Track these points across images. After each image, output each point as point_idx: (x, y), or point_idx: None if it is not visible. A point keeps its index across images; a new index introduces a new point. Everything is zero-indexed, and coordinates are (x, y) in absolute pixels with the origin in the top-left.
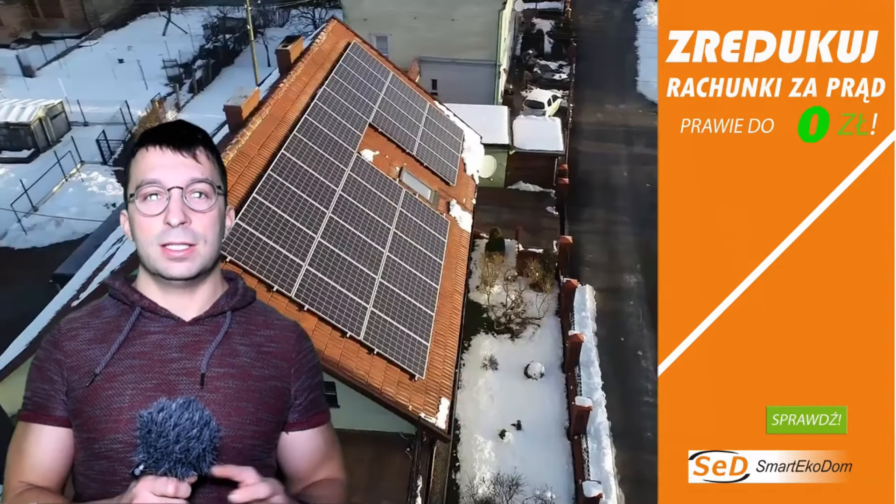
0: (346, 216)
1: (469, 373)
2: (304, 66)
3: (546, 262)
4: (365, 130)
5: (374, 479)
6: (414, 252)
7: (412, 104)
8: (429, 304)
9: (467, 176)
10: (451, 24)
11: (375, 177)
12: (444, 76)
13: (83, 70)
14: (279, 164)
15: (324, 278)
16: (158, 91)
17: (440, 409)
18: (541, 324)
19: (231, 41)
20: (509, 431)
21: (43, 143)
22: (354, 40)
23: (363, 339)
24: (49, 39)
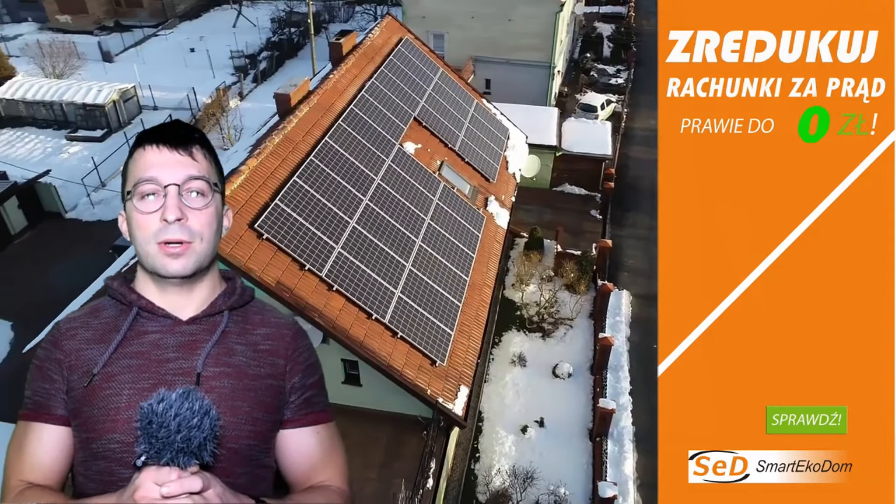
0: (382, 204)
1: (497, 367)
2: (356, 58)
3: (583, 265)
4: (409, 123)
5: (391, 457)
6: (447, 243)
7: (459, 101)
8: (457, 294)
9: (508, 174)
10: (507, 24)
11: (415, 168)
12: (497, 76)
13: (157, 57)
14: (322, 150)
15: (355, 261)
16: (224, 80)
17: (458, 396)
18: (573, 325)
19: (296, 35)
20: (531, 427)
21: (115, 124)
22: (407, 36)
23: (388, 322)
24: (128, 28)
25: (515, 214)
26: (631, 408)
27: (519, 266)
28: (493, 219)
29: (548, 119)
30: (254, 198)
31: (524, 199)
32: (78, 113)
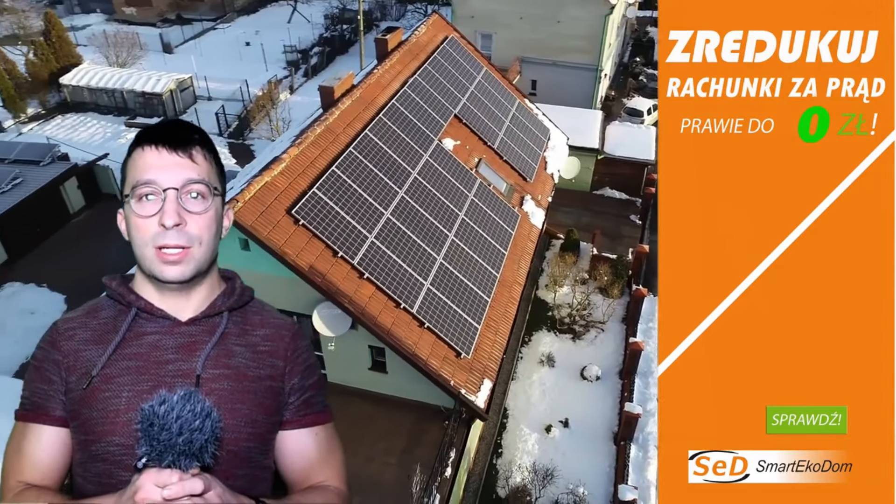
0: (417, 198)
1: (525, 366)
2: (400, 55)
3: (618, 269)
4: (449, 120)
5: (412, 443)
6: (479, 239)
7: (501, 100)
8: (486, 289)
9: (546, 174)
10: (555, 25)
11: (452, 164)
12: (544, 77)
13: (214, 50)
14: (361, 142)
15: (387, 251)
16: (276, 73)
17: (482, 389)
18: (604, 328)
19: (347, 31)
20: (556, 427)
21: (171, 112)
22: (452, 34)
23: (416, 312)
24: (189, 21)
25: (553, 216)
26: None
27: (553, 267)
28: (527, 218)
29: (591, 122)
30: (293, 185)
31: (563, 200)
32: (137, 100)
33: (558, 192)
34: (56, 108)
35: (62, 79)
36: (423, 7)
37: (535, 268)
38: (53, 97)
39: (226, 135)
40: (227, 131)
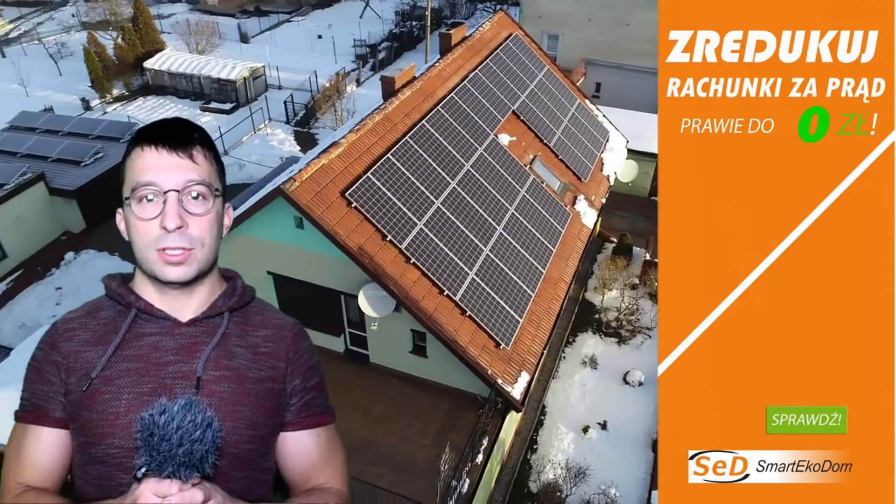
0: (468, 189)
1: (567, 366)
2: (463, 50)
3: None
4: (507, 116)
5: (446, 428)
6: (527, 235)
7: (561, 99)
8: (531, 284)
9: (602, 175)
10: (624, 28)
11: (506, 160)
12: (609, 80)
13: (287, 41)
14: (417, 132)
15: (434, 239)
16: (344, 66)
17: (519, 381)
18: (651, 335)
19: (416, 28)
20: (593, 429)
21: (243, 99)
22: (516, 32)
23: (458, 300)
24: (266, 13)
25: (608, 220)
26: None
27: (604, 270)
28: (579, 217)
29: (653, 127)
30: (348, 168)
31: (620, 204)
32: (212, 86)
33: (615, 196)
34: (139, 90)
35: (146, 63)
36: (493, 6)
37: (584, 269)
38: (137, 80)
39: (292, 123)
40: (294, 119)
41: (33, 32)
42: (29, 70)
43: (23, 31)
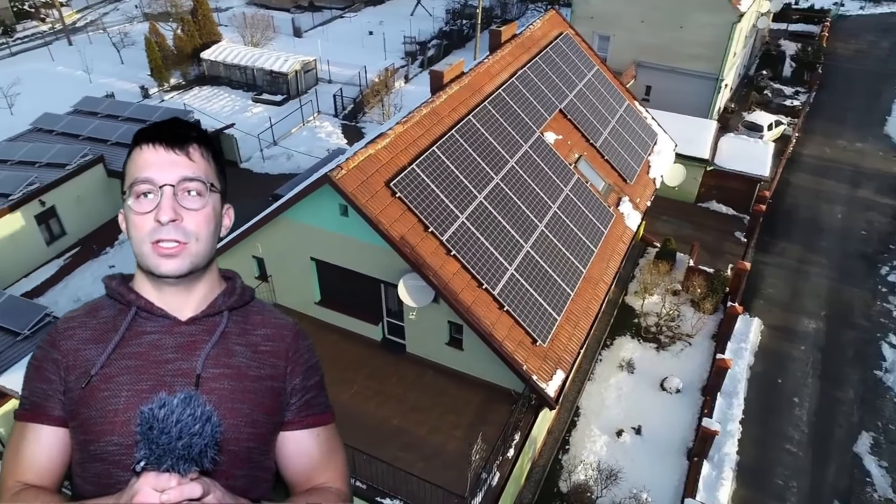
0: (512, 186)
1: (603, 368)
2: (512, 47)
3: (715, 284)
4: (554, 114)
5: (478, 421)
6: (569, 233)
7: (609, 100)
8: (570, 283)
9: (648, 178)
10: (677, 31)
11: (551, 158)
12: (659, 83)
13: (339, 36)
14: (464, 127)
15: (475, 233)
16: (393, 62)
17: (554, 378)
18: (692, 342)
19: (466, 27)
20: (627, 433)
21: (294, 91)
22: (567, 31)
23: (497, 294)
24: (320, 8)
25: (652, 224)
26: (739, 437)
27: (645, 274)
28: (622, 219)
29: (704, 131)
30: (394, 159)
31: (664, 209)
32: (265, 78)
33: (660, 200)
34: (195, 80)
35: (203, 54)
36: (544, 6)
37: (625, 272)
38: (194, 70)
39: (340, 116)
40: (342, 113)
41: (99, 22)
42: (93, 58)
43: (89, 20)
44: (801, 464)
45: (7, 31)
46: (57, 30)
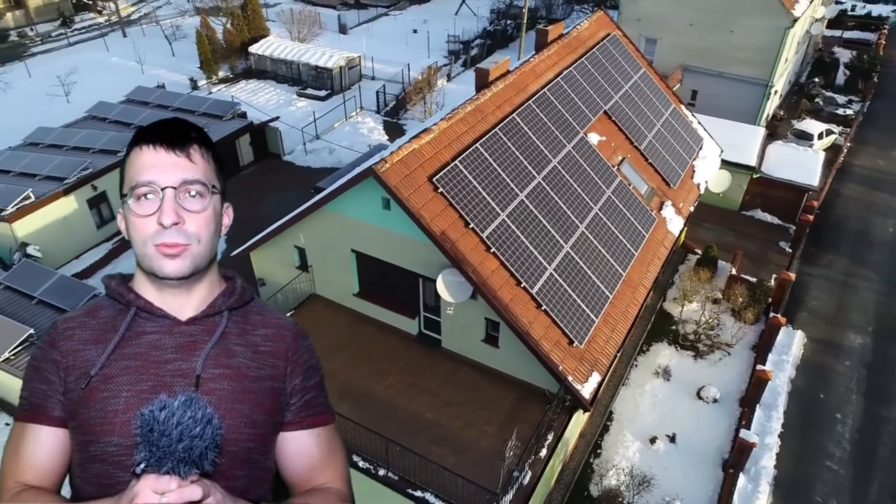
0: (553, 185)
1: (639, 374)
2: (559, 47)
3: (757, 293)
4: (598, 116)
5: (511, 419)
6: (610, 236)
7: (655, 102)
8: (609, 285)
9: (692, 183)
10: (727, 34)
11: (594, 159)
12: (706, 87)
13: (384, 34)
14: (507, 125)
15: (516, 231)
16: (437, 60)
17: (589, 380)
18: (731, 352)
19: (510, 27)
20: (661, 440)
21: (338, 87)
22: (615, 32)
23: (535, 293)
24: (365, 6)
25: (694, 231)
26: (777, 450)
27: (685, 281)
28: (664, 223)
29: (751, 138)
30: (437, 155)
31: (707, 216)
32: (310, 73)
33: (703, 207)
34: (242, 73)
35: (251, 48)
36: (590, 7)
37: (665, 278)
38: (241, 63)
39: (382, 113)
40: (385, 109)
41: (152, 15)
42: (146, 49)
43: (143, 13)
44: (841, 482)
45: (66, 23)
46: (112, 22)
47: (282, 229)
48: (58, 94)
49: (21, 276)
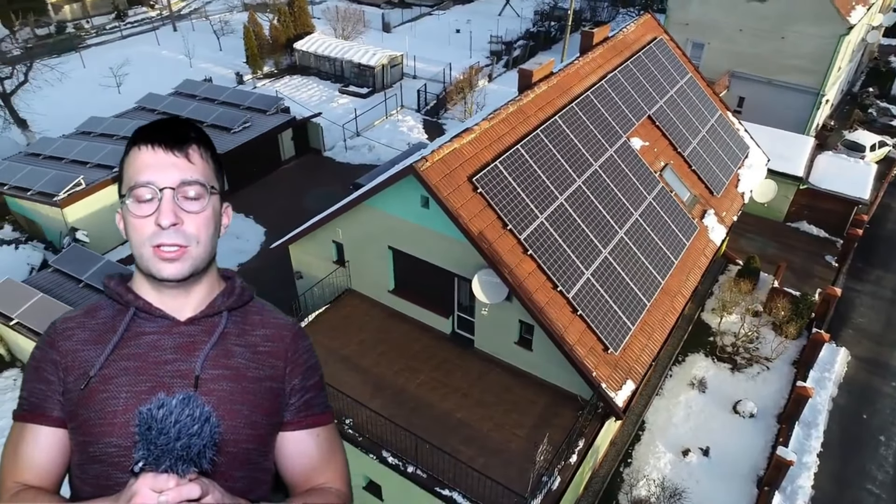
0: (594, 190)
1: (673, 384)
2: (604, 49)
3: (800, 307)
4: (642, 120)
5: (542, 423)
6: (650, 242)
7: (701, 108)
8: (647, 293)
9: (736, 192)
10: (778, 41)
11: (636, 164)
12: (754, 95)
13: (427, 33)
14: (549, 127)
15: (554, 234)
16: (478, 61)
17: (623, 388)
18: (770, 366)
19: (554, 28)
20: (694, 453)
21: (380, 85)
22: (661, 36)
23: (571, 297)
24: (409, 5)
25: (736, 240)
26: (815, 470)
27: (725, 292)
28: (706, 232)
29: (800, 148)
30: (478, 155)
31: (751, 226)
32: (352, 70)
33: (747, 217)
34: (286, 69)
35: (296, 44)
36: (636, 10)
37: (704, 288)
38: (286, 59)
39: (423, 111)
40: (425, 108)
41: (202, 10)
42: (194, 43)
43: (193, 8)
44: None
45: (120, 16)
46: (164, 16)
47: (321, 224)
48: (110, 85)
49: (69, 260)
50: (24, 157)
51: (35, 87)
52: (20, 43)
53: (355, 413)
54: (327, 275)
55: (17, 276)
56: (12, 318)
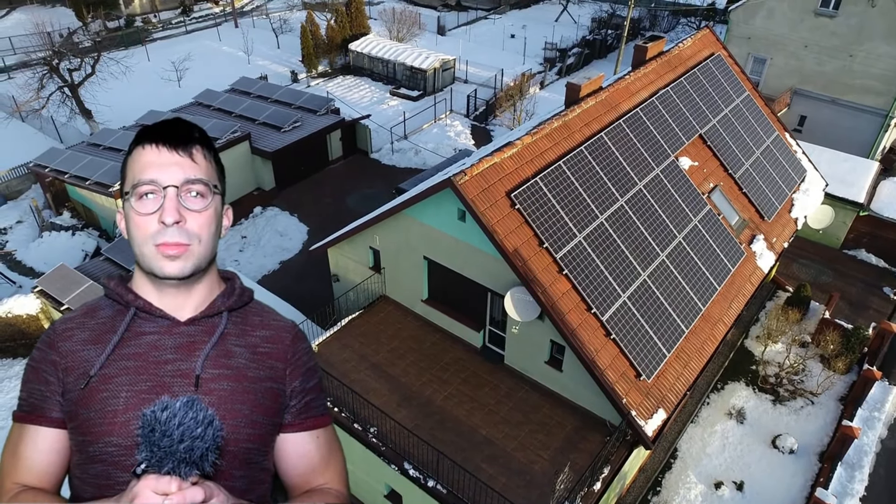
0: (637, 210)
1: (710, 413)
2: (657, 65)
3: (852, 341)
4: (692, 139)
5: (568, 446)
6: (692, 267)
7: (757, 129)
8: (686, 320)
9: (789, 217)
10: (846, 59)
11: (683, 185)
12: (816, 114)
13: (481, 37)
14: (594, 144)
15: (591, 254)
16: (531, 67)
17: (654, 417)
18: (815, 401)
19: (611, 37)
20: (727, 486)
21: (431, 88)
22: (720, 52)
23: (605, 320)
24: (466, 8)
25: (787, 265)
26: None
27: (772, 319)
28: (753, 258)
29: (862, 172)
30: (518, 170)
31: (804, 251)
32: (404, 73)
33: (801, 241)
34: (340, 69)
35: (350, 45)
36: (697, 21)
37: (749, 314)
38: (340, 59)
39: (472, 117)
40: (474, 114)
41: (263, 8)
42: (254, 40)
43: (255, 5)
44: None
45: (186, 11)
46: (227, 13)
47: (359, 230)
48: (171, 80)
49: (120, 250)
50: (86, 147)
51: (101, 80)
52: (91, 35)
53: (381, 422)
54: (363, 280)
55: (72, 262)
56: (63, 304)
